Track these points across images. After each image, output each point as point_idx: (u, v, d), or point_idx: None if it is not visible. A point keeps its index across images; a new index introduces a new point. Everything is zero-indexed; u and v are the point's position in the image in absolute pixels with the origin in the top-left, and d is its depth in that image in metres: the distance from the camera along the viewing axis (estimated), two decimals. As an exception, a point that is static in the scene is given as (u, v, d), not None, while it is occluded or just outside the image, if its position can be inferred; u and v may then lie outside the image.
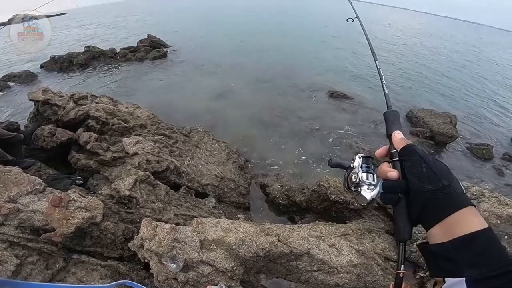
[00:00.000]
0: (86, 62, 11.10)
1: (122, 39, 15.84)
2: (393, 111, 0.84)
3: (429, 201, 0.57)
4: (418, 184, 0.59)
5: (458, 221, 0.53)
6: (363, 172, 0.74)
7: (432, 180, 0.57)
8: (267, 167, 5.33)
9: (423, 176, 0.59)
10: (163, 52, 12.49)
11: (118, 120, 4.10)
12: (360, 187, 0.73)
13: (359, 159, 0.76)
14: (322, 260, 2.35)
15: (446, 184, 0.56)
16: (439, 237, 0.54)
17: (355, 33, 15.73)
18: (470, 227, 0.51)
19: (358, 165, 0.75)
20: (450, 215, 0.53)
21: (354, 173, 0.76)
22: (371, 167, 0.75)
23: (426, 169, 0.59)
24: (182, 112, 7.01)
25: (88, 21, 22.85)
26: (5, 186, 2.23)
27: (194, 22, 23.02)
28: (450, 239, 0.52)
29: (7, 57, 11.70)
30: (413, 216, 0.60)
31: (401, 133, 0.73)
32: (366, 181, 0.72)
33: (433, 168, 0.59)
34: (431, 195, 0.56)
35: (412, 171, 0.62)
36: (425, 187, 0.57)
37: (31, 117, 4.33)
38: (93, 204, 2.23)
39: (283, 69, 11.14)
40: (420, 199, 0.58)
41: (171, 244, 1.96)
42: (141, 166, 3.28)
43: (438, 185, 0.56)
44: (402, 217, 0.62)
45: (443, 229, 0.54)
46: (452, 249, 0.51)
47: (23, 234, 2.07)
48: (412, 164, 0.62)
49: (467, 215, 0.53)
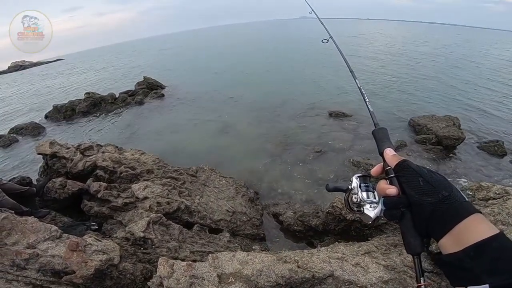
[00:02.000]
0: (88, 109, 11.59)
1: (120, 80, 16.70)
2: (381, 128, 0.86)
3: (432, 214, 0.57)
4: (418, 198, 0.59)
5: (467, 229, 0.53)
6: (363, 192, 0.74)
7: (431, 192, 0.58)
8: (278, 196, 5.25)
9: (421, 190, 0.60)
10: (160, 94, 13.00)
11: (125, 168, 4.21)
12: (362, 206, 0.73)
13: (356, 179, 0.77)
14: (348, 280, 2.22)
15: (446, 195, 0.57)
16: (450, 247, 0.54)
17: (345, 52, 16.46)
18: (480, 234, 0.50)
19: (356, 186, 0.76)
20: (457, 224, 0.53)
21: (353, 193, 0.76)
22: (370, 185, 0.76)
23: (423, 183, 0.60)
24: (186, 152, 7.16)
25: (84, 65, 24.40)
26: (23, 234, 2.31)
27: (184, 60, 24.42)
28: (462, 248, 0.51)
29: (13, 106, 12.25)
30: (421, 229, 0.61)
31: (392, 149, 0.75)
32: (368, 200, 0.73)
33: (430, 180, 0.60)
34: (433, 207, 0.57)
35: (410, 186, 0.62)
36: (425, 200, 0.58)
37: (41, 171, 4.50)
38: (109, 247, 2.27)
39: (279, 96, 11.46)
40: (423, 212, 0.58)
41: (189, 281, 1.91)
42: (152, 208, 3.30)
43: (438, 197, 0.57)
44: (410, 231, 0.62)
45: (452, 239, 0.54)
46: (465, 258, 0.50)
47: (45, 277, 2.13)
48: (408, 180, 0.63)
49: (475, 222, 0.53)
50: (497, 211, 2.69)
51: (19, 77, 27.51)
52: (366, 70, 15.35)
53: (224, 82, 15.14)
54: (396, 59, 19.39)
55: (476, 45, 31.82)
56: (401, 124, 8.10)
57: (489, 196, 3.11)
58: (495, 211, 2.67)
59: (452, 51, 25.03)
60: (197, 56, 27.02)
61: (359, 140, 7.26)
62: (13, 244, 2.22)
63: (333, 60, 16.76)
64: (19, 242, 2.23)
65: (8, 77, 31.38)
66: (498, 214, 2.62)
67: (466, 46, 30.19)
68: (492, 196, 3.12)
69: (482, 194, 3.17)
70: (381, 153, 0.77)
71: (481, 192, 3.19)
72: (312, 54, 21.78)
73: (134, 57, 28.32)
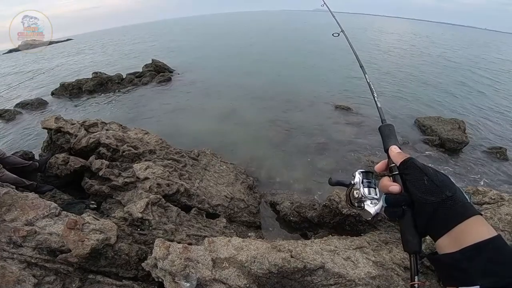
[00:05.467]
0: (95, 88, 11.62)
1: (127, 61, 16.57)
2: (387, 125, 0.85)
3: (434, 213, 0.57)
4: (421, 197, 0.59)
5: (466, 230, 0.53)
6: (365, 187, 0.74)
7: (435, 192, 0.58)
8: (276, 185, 5.31)
9: (425, 189, 0.59)
10: (167, 77, 12.94)
11: (128, 146, 4.24)
12: (363, 202, 0.73)
13: (359, 175, 0.77)
14: (338, 273, 2.29)
15: (449, 195, 0.56)
16: (448, 247, 0.54)
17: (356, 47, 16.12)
18: (478, 235, 0.51)
19: (359, 181, 0.76)
20: (457, 225, 0.54)
21: (355, 189, 0.76)
22: (372, 182, 0.76)
23: (427, 182, 0.60)
24: (189, 135, 7.18)
25: (94, 46, 24.25)
26: (23, 210, 2.35)
27: (194, 46, 24.10)
28: (459, 248, 0.52)
29: (20, 84, 12.31)
30: (420, 228, 0.61)
31: (398, 147, 0.75)
32: (369, 196, 0.73)
33: (435, 180, 0.59)
34: (436, 207, 0.57)
35: (414, 184, 0.62)
36: (428, 200, 0.58)
37: (45, 146, 4.54)
38: (107, 227, 2.30)
39: (285, 86, 11.37)
40: (425, 211, 0.58)
41: (184, 263, 1.97)
42: (152, 189, 3.35)
43: (441, 197, 0.57)
44: (410, 229, 0.62)
45: (451, 239, 0.54)
46: (462, 259, 0.51)
47: (41, 255, 2.16)
48: (413, 178, 0.63)
49: (475, 224, 0.53)
50: (489, 215, 2.75)
51: (29, 56, 27.38)
52: (378, 66, 15.02)
53: (234, 69, 14.95)
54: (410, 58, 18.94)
55: (495, 49, 30.86)
56: (406, 122, 8.04)
57: (484, 201, 3.15)
58: (488, 216, 2.72)
59: (469, 53, 24.34)
60: (206, 42, 26.54)
61: (363, 135, 7.23)
62: (12, 220, 2.26)
63: (345, 55, 16.44)
64: (18, 219, 2.27)
65: (19, 55, 31.20)
66: (490, 219, 2.67)
67: (483, 49, 29.30)
68: (487, 201, 3.16)
69: (477, 198, 3.21)
70: (386, 150, 0.77)
71: (477, 196, 3.24)
72: (324, 48, 21.30)
73: (143, 41, 27.92)
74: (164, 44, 27.06)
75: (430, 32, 54.46)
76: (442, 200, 0.56)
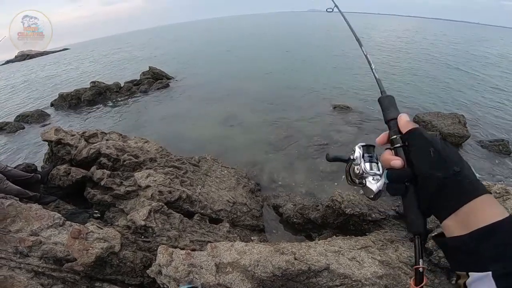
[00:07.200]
0: (93, 98, 11.67)
1: (125, 71, 16.71)
2: (387, 96, 0.76)
3: (439, 190, 0.51)
4: (425, 171, 0.54)
5: (475, 211, 0.47)
6: (366, 162, 0.68)
7: (441, 166, 0.52)
8: (278, 188, 5.28)
9: (431, 162, 0.53)
10: (165, 83, 13.00)
11: (129, 156, 4.26)
12: (365, 178, 0.68)
13: (359, 149, 0.72)
14: (343, 274, 2.26)
15: (457, 171, 0.51)
16: (455, 229, 0.49)
17: (354, 50, 16.22)
18: (489, 217, 0.46)
19: (359, 156, 0.71)
20: (465, 204, 0.48)
21: (356, 164, 0.71)
22: (374, 156, 0.70)
23: (434, 154, 0.53)
24: (189, 142, 7.19)
25: (90, 55, 24.49)
26: (27, 221, 2.38)
27: (190, 52, 24.32)
28: (469, 231, 0.47)
29: (19, 95, 12.39)
30: (423, 207, 0.55)
31: (407, 116, 0.66)
32: (371, 172, 0.67)
33: (442, 153, 0.53)
34: (441, 183, 0.51)
35: (418, 157, 0.56)
36: (433, 174, 0.52)
37: (47, 158, 4.58)
38: (110, 235, 2.32)
39: (283, 88, 11.39)
40: (429, 188, 0.53)
41: (187, 269, 1.97)
42: (154, 197, 3.35)
43: (448, 172, 0.51)
44: (413, 208, 0.57)
45: (459, 220, 0.49)
46: (471, 243, 0.46)
47: (47, 264, 2.20)
48: (418, 149, 0.57)
49: (485, 204, 0.48)
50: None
51: (25, 66, 27.70)
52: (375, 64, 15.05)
53: (233, 73, 15.04)
54: (407, 53, 19.00)
55: (492, 43, 30.87)
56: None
57: (490, 195, 3.12)
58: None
59: (466, 48, 24.37)
60: (203, 48, 26.77)
61: (363, 134, 7.20)
62: (17, 231, 2.30)
63: (345, 54, 16.55)
64: (23, 229, 2.31)
65: (15, 66, 31.58)
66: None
67: (482, 44, 29.31)
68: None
69: (482, 193, 3.18)
70: (387, 121, 0.69)
71: (481, 191, 3.20)
72: (324, 47, 21.42)
73: (139, 48, 28.24)
74: (161, 51, 27.33)
75: (419, 27, 54.65)
76: (448, 176, 0.50)
